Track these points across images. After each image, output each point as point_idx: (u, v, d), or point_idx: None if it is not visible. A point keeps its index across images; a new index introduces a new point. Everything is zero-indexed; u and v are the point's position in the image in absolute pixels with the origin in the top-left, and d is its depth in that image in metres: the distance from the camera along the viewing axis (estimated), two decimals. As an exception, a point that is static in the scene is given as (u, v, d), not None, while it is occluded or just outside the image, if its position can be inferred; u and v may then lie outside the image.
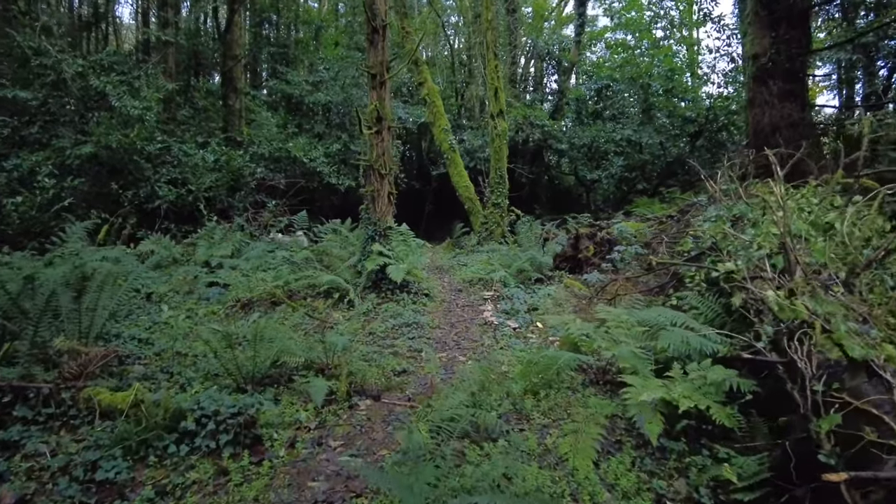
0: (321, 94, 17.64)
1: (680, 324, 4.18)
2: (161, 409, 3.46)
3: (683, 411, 3.14)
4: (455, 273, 10.38)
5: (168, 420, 3.44)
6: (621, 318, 4.43)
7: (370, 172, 8.79)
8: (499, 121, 12.68)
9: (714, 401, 3.21)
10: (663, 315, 4.36)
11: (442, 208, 20.23)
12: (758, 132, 9.53)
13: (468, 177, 13.59)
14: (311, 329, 6.88)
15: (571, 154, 19.43)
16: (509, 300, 8.22)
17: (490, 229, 12.32)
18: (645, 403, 3.19)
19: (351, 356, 5.02)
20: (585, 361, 4.31)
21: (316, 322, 7.05)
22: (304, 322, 7.04)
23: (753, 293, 3.73)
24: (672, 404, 3.20)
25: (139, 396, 3.60)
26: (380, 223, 8.66)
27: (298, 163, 16.61)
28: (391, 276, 7.79)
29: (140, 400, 3.57)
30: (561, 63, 20.37)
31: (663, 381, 3.52)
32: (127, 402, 3.55)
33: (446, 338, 6.62)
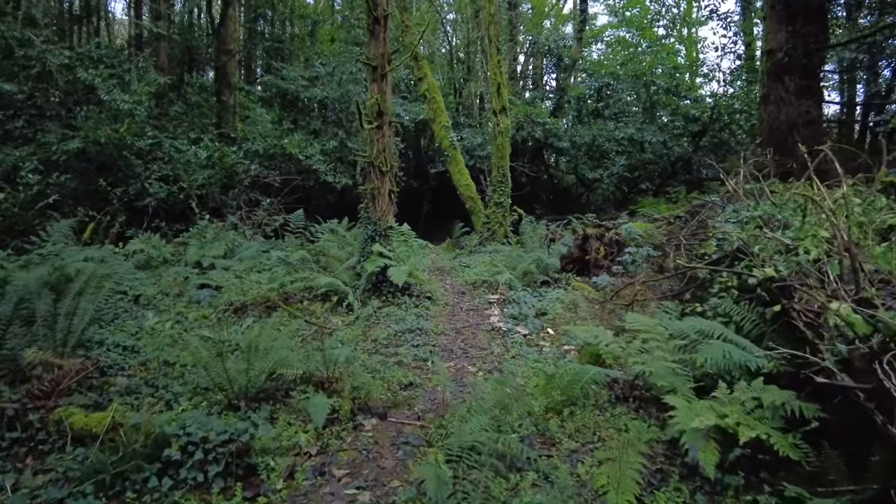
0: (317, 90, 17.18)
1: (718, 335, 3.79)
2: (141, 435, 3.03)
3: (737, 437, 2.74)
4: (457, 275, 9.98)
5: (149, 447, 3.02)
6: (653, 328, 4.03)
7: (370, 169, 8.38)
8: (501, 117, 12.28)
9: (772, 427, 2.82)
10: (699, 325, 3.96)
11: (440, 208, 19.81)
12: (773, 130, 9.17)
13: (469, 175, 13.19)
14: (309, 335, 6.46)
15: (572, 153, 19.05)
16: (516, 304, 7.83)
17: (492, 229, 11.92)
18: (697, 431, 2.79)
19: (353, 367, 4.60)
20: (613, 376, 3.91)
21: (314, 328, 6.62)
22: (302, 328, 6.62)
23: (806, 302, 3.34)
24: (726, 431, 2.80)
25: (117, 419, 3.18)
26: (380, 222, 8.24)
27: (294, 160, 16.14)
28: (392, 278, 7.38)
29: (118, 423, 3.14)
30: (561, 60, 19.98)
31: (710, 403, 3.13)
32: (103, 426, 3.13)
33: (453, 345, 6.21)
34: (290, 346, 5.32)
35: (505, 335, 6.53)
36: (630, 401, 4.10)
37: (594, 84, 20.26)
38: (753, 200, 7.05)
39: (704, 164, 18.17)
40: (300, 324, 6.70)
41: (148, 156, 13.23)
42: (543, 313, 7.44)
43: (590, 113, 20.47)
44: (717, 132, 17.80)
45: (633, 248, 8.79)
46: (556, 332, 6.59)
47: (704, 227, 8.21)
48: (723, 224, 7.02)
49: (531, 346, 6.05)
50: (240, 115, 17.76)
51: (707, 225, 8.28)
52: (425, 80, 13.73)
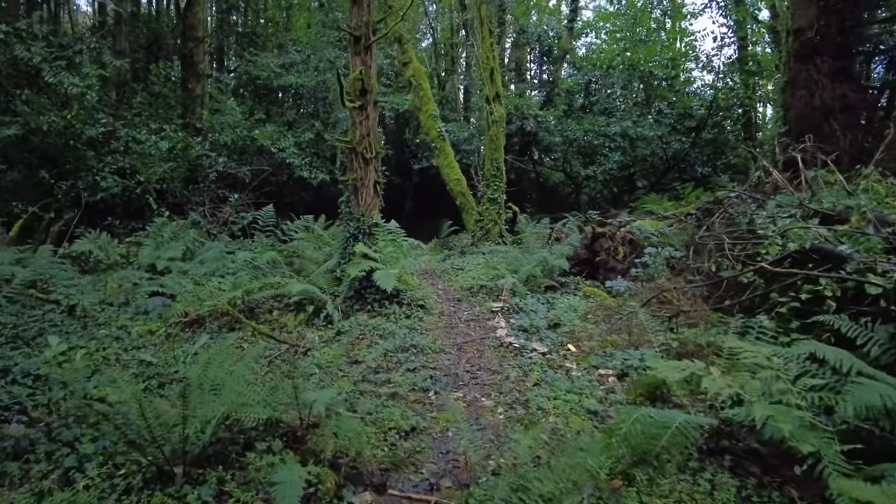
0: (292, 77, 15.87)
1: (849, 367, 2.71)
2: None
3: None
4: (450, 279, 8.83)
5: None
6: (763, 358, 2.91)
7: (352, 157, 7.19)
8: (495, 105, 11.17)
9: None
10: (820, 352, 2.87)
11: (423, 206, 18.65)
12: (803, 117, 8.23)
13: (459, 169, 12.04)
14: (279, 357, 5.24)
15: (563, 148, 18.05)
16: (524, 314, 6.71)
17: (486, 228, 10.81)
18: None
19: (336, 413, 3.41)
20: (703, 424, 2.80)
21: (284, 347, 5.41)
22: (270, 347, 5.40)
23: None
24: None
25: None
26: (364, 219, 7.06)
27: (266, 153, 14.84)
28: (379, 283, 6.19)
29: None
30: (552, 51, 18.98)
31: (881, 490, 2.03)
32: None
33: (456, 367, 5.06)
34: (253, 376, 4.12)
35: (518, 353, 5.40)
36: (720, 455, 3.00)
37: (585, 77, 19.33)
38: (807, 192, 6.07)
39: (700, 161, 17.36)
40: (268, 342, 5.48)
41: (103, 147, 11.85)
42: (557, 325, 6.34)
43: (580, 107, 19.54)
44: (712, 127, 17.00)
45: (652, 249, 7.74)
46: (579, 349, 5.48)
47: (734, 225, 7.20)
48: (768, 220, 6.01)
49: (555, 368, 4.92)
50: (209, 105, 16.36)
51: (735, 222, 7.28)
52: (410, 65, 12.55)
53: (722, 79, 15.77)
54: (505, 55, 20.34)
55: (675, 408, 3.86)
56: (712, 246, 6.53)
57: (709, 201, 10.21)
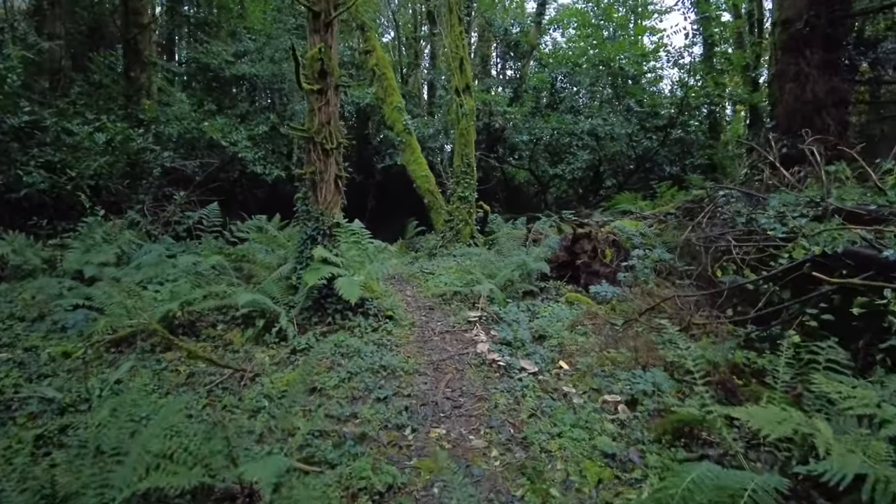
0: (245, 67, 14.76)
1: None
2: None
3: None
4: (420, 284, 8.04)
5: None
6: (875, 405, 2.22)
7: (310, 148, 6.33)
8: (465, 97, 10.43)
9: None
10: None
11: (387, 205, 17.79)
12: (793, 111, 7.78)
13: (427, 165, 11.24)
14: (220, 383, 4.37)
15: (531, 146, 17.47)
16: (506, 324, 5.99)
17: (456, 228, 10.05)
18: None
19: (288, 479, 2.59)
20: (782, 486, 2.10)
21: (227, 373, 4.53)
22: (210, 373, 4.52)
23: None
24: None
25: None
26: (324, 218, 6.21)
27: (217, 148, 13.72)
28: (342, 292, 5.35)
29: None
30: (519, 46, 18.38)
31: None
32: None
33: (434, 393, 4.28)
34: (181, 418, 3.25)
35: (505, 373, 4.66)
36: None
37: (552, 75, 18.81)
38: (817, 188, 5.55)
39: (668, 161, 17.04)
40: (206, 366, 4.60)
41: (29, 138, 10.62)
42: (543, 337, 5.65)
43: (547, 105, 19.01)
44: (679, 126, 16.72)
45: (639, 251, 7.14)
46: (573, 367, 4.78)
47: (726, 225, 6.66)
48: (773, 219, 5.45)
49: (550, 393, 4.21)
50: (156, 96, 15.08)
51: (728, 221, 6.74)
52: (374, 53, 11.69)
53: (692, 76, 15.42)
54: (470, 50, 19.64)
55: (705, 446, 3.20)
56: (708, 248, 5.95)
57: (688, 200, 9.75)
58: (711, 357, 4.06)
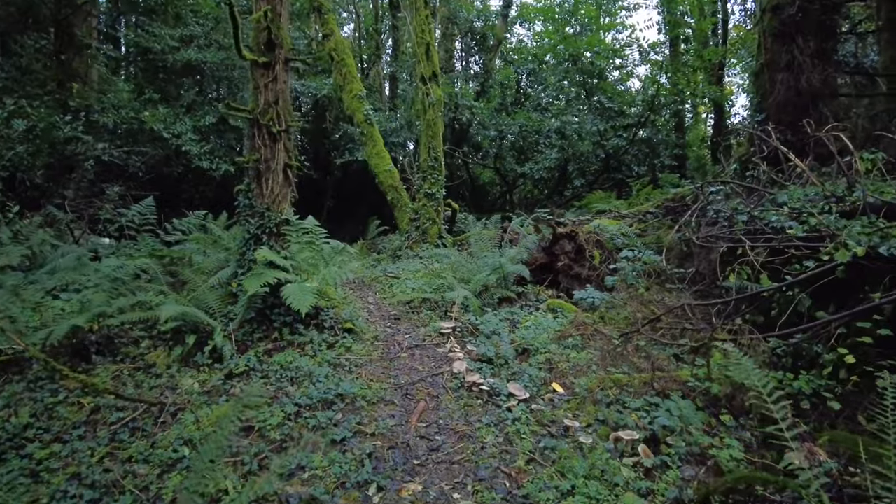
0: (191, 52, 13.53)
1: None
2: None
3: None
4: (384, 290, 7.15)
5: None
6: None
7: (254, 131, 5.40)
8: (432, 86, 9.59)
9: None
10: None
11: (346, 204, 16.81)
12: (786, 102, 7.24)
13: (390, 158, 10.33)
14: (130, 424, 3.41)
15: (498, 143, 16.77)
16: (484, 337, 5.19)
17: (423, 228, 9.19)
18: None
19: None
20: None
21: (142, 407, 3.56)
22: (117, 408, 3.55)
23: None
24: None
25: None
26: (270, 214, 5.27)
27: (159, 140, 12.49)
28: (290, 302, 4.44)
29: None
30: (485, 39, 17.67)
31: None
32: None
33: (405, 431, 3.43)
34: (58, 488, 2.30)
35: (489, 400, 3.84)
36: None
37: (520, 71, 18.18)
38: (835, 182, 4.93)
39: (637, 160, 16.61)
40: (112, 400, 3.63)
41: (-64, 125, 9.30)
42: (527, 351, 4.87)
43: (513, 102, 18.37)
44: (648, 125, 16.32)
45: (629, 253, 6.44)
46: (569, 391, 4.00)
47: (730, 224, 6.01)
48: (787, 217, 4.81)
49: (547, 426, 3.41)
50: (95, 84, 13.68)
51: (721, 220, 6.11)
52: (332, 37, 10.72)
53: (664, 72, 14.98)
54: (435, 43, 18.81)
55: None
56: (709, 250, 5.28)
57: (669, 199, 9.19)
58: (749, 380, 3.34)
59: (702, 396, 3.50)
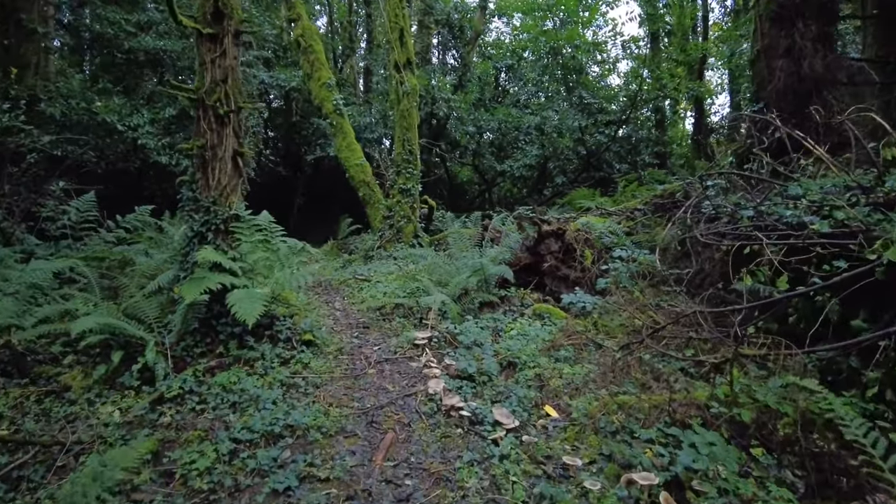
0: (149, 40, 12.64)
1: None
2: None
3: None
4: (353, 294, 6.47)
5: None
6: None
7: (199, 113, 4.69)
8: (406, 74, 8.92)
9: None
10: None
11: (318, 201, 16.05)
12: (786, 91, 6.75)
13: (362, 152, 9.61)
14: (17, 472, 2.69)
15: (476, 140, 16.17)
16: (464, 349, 4.55)
17: (397, 226, 8.51)
18: None
19: None
20: None
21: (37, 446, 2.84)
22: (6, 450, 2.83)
23: None
24: None
25: None
26: (217, 208, 4.57)
27: (116, 134, 11.61)
28: (235, 311, 3.74)
29: None
30: (463, 32, 17.05)
31: None
32: None
33: (368, 472, 2.77)
34: None
35: (470, 430, 3.21)
36: None
37: (499, 66, 17.58)
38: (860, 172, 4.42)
39: (618, 158, 16.16)
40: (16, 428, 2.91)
41: None
42: (514, 365, 4.25)
43: (492, 98, 17.78)
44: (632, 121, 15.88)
45: (622, 252, 5.88)
46: (565, 415, 3.39)
47: (733, 220, 5.47)
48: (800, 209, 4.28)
49: (542, 464, 2.79)
50: (48, 74, 12.70)
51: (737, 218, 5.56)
52: (299, 22, 9.98)
53: (647, 67, 14.54)
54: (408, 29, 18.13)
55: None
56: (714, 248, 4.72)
57: (657, 195, 8.68)
58: (784, 407, 2.76)
59: (726, 424, 2.91)
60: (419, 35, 19.83)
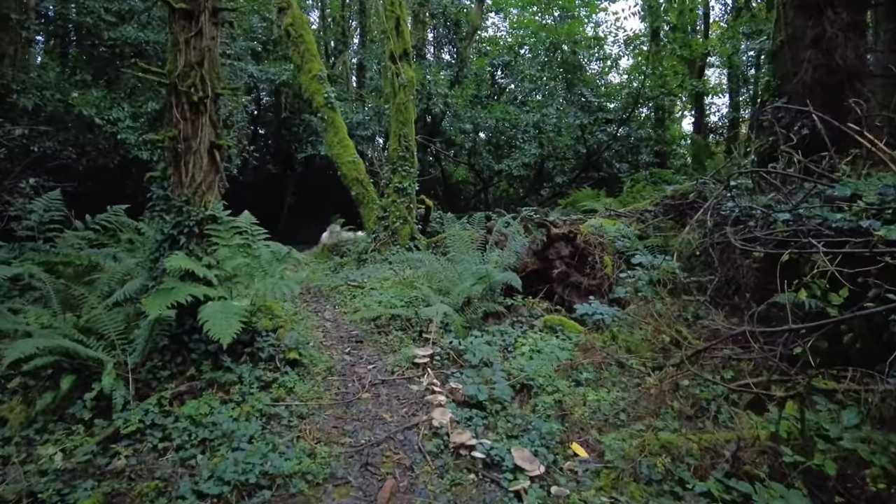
0: (131, 30, 12.00)
1: None
2: None
3: None
4: (345, 303, 5.91)
5: None
6: None
7: (171, 99, 4.13)
8: (402, 65, 8.37)
9: None
10: None
11: (309, 201, 15.44)
12: (814, 84, 6.24)
13: (355, 148, 9.04)
14: None
15: (473, 138, 15.64)
16: (472, 369, 4.01)
17: (392, 228, 7.96)
18: None
19: None
20: None
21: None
22: None
23: None
24: None
25: None
26: (191, 209, 4.01)
27: (94, 128, 10.97)
28: (209, 329, 3.19)
29: None
30: (460, 26, 16.52)
31: None
32: None
33: (363, 535, 2.23)
34: None
35: (486, 476, 2.68)
36: None
37: (496, 63, 17.04)
38: None
39: (617, 157, 15.68)
40: None
41: None
42: (528, 387, 3.72)
43: (489, 96, 17.26)
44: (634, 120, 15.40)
45: (642, 258, 5.36)
46: (595, 453, 2.87)
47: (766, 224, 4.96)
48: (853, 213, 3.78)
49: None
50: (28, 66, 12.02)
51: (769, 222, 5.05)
52: (289, 11, 9.39)
53: (650, 64, 14.03)
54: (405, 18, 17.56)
55: None
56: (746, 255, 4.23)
57: (668, 196, 8.19)
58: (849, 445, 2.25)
59: (799, 475, 2.39)
60: (414, 29, 19.22)
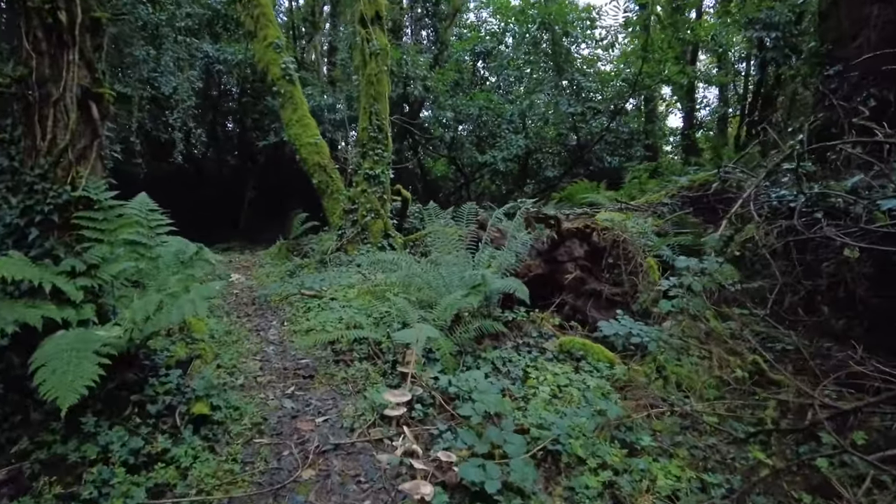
0: None
1: None
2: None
3: None
4: (297, 318, 4.54)
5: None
6: None
7: (21, 24, 2.75)
8: (375, 30, 7.03)
9: None
10: None
11: (272, 195, 13.93)
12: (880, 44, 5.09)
13: (317, 128, 7.60)
14: None
15: (453, 127, 14.31)
16: (469, 429, 2.70)
17: (361, 223, 6.60)
18: None
19: None
20: None
21: None
22: None
23: None
24: None
25: None
26: (49, 185, 2.63)
27: None
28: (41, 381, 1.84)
29: None
30: (439, 5, 15.20)
31: None
32: None
33: None
34: None
35: None
36: None
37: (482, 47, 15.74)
38: None
39: (609, 151, 14.55)
40: None
41: None
42: (555, 458, 2.44)
43: (471, 83, 15.96)
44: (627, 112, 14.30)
45: (687, 261, 4.10)
46: None
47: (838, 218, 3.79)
48: None
49: None
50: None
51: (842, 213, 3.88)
52: (243, -30, 7.98)
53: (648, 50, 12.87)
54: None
55: None
56: None
57: (685, 187, 7.04)
58: None
59: None
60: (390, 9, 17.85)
